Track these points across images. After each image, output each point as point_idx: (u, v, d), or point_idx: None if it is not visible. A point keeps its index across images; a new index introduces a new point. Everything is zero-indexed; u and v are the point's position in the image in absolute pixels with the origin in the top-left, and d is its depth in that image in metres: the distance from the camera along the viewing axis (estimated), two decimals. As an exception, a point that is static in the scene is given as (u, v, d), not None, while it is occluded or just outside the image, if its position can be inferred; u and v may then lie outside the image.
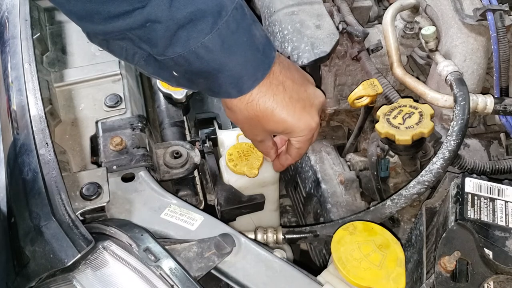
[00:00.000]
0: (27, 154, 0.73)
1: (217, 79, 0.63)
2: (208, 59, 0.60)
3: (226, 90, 0.65)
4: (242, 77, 0.64)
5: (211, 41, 0.59)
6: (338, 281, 0.66)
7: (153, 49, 0.62)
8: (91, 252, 0.65)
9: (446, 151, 0.79)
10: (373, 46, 1.08)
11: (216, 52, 0.60)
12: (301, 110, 0.71)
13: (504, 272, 0.62)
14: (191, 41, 0.59)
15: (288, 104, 0.69)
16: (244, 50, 0.63)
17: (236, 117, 0.70)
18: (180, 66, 0.62)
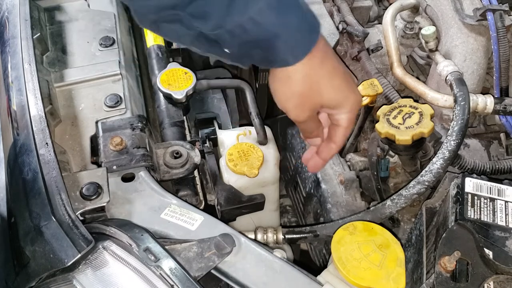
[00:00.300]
0: (27, 154, 0.73)
1: (274, 46, 0.61)
2: (266, 24, 0.58)
3: (283, 57, 0.62)
4: (298, 40, 0.62)
5: (267, 4, 0.57)
6: (338, 281, 0.66)
7: (207, 24, 0.59)
8: (91, 252, 0.65)
9: (446, 151, 0.79)
10: (373, 46, 1.08)
11: (273, 16, 0.58)
12: (351, 81, 0.69)
13: (504, 272, 0.62)
14: (249, 7, 0.57)
15: (340, 72, 0.67)
16: (298, 12, 0.61)
17: (290, 88, 0.66)
18: (236, 37, 0.59)
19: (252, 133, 0.98)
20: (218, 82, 1.07)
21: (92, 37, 1.02)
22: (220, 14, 0.58)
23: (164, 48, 1.10)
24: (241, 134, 0.98)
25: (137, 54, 1.14)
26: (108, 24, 1.05)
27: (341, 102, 0.69)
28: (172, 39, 0.67)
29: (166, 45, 1.12)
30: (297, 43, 0.62)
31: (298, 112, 0.68)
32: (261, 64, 0.68)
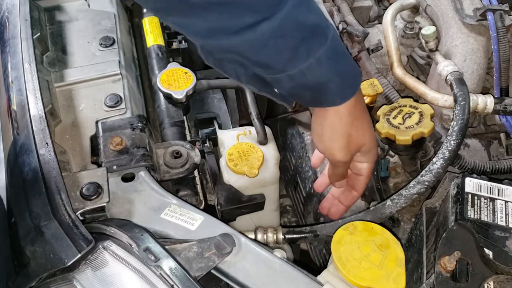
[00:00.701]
0: (27, 154, 0.73)
1: (326, 89, 0.67)
2: (322, 70, 0.64)
3: (332, 98, 0.68)
4: (347, 84, 0.68)
5: (325, 53, 0.63)
6: (338, 281, 0.66)
7: (267, 72, 0.66)
8: (91, 252, 0.65)
9: (446, 151, 0.79)
10: (373, 46, 1.08)
11: (329, 63, 0.64)
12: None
13: (504, 272, 0.62)
14: (310, 54, 0.62)
15: (369, 118, 0.76)
16: (347, 60, 0.68)
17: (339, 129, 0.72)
18: (294, 81, 0.65)
19: (252, 133, 0.98)
20: (218, 82, 1.07)
21: (92, 37, 1.02)
22: (283, 64, 0.63)
23: (164, 48, 1.10)
24: (241, 134, 0.98)
25: (137, 54, 1.14)
26: (108, 24, 1.05)
27: (372, 148, 0.77)
28: (229, 76, 0.72)
29: (166, 45, 1.12)
30: (346, 87, 0.68)
31: (344, 153, 0.74)
32: (308, 104, 0.76)
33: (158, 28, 1.13)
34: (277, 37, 0.60)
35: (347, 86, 0.69)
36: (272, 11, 0.58)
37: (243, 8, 0.57)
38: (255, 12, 0.58)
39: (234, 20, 0.58)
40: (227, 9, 0.57)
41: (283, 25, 0.59)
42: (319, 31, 0.63)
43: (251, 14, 0.58)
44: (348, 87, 0.69)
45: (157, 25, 1.13)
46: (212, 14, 0.58)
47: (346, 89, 0.69)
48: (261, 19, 0.58)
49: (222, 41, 0.61)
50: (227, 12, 0.57)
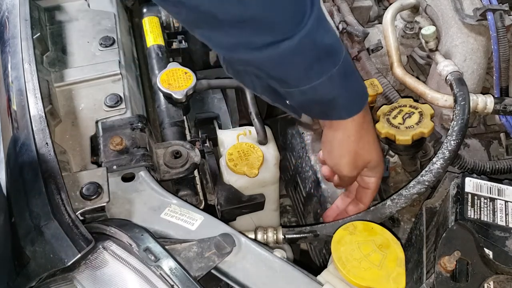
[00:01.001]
0: (27, 154, 0.73)
1: (335, 104, 0.72)
2: (333, 87, 0.69)
3: (339, 113, 0.74)
4: (354, 101, 0.74)
5: (337, 72, 0.68)
6: (338, 281, 0.66)
7: (282, 86, 0.70)
8: (91, 252, 0.65)
9: (446, 151, 0.79)
10: (373, 46, 1.08)
11: (339, 81, 0.69)
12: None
13: (504, 272, 0.62)
14: (323, 73, 0.67)
15: (375, 134, 0.81)
16: (356, 78, 0.74)
17: (346, 146, 0.77)
18: (305, 95, 0.69)
19: (252, 133, 0.98)
20: (218, 82, 1.07)
21: (92, 37, 1.02)
22: (297, 80, 0.68)
23: (164, 48, 1.10)
24: (241, 134, 0.98)
25: (137, 54, 1.14)
26: (108, 24, 1.05)
27: (379, 164, 0.81)
28: (246, 86, 0.79)
29: (166, 45, 1.12)
30: (353, 103, 0.74)
31: (351, 169, 0.79)
32: (316, 116, 0.81)
33: (158, 28, 1.13)
34: (295, 55, 0.64)
35: (354, 103, 0.74)
36: (293, 32, 0.62)
37: (266, 28, 0.61)
38: (277, 32, 0.62)
39: (257, 37, 0.62)
40: (251, 27, 0.61)
41: (302, 45, 0.63)
42: (333, 51, 0.67)
43: (273, 33, 0.62)
44: (355, 104, 0.74)
45: (157, 25, 1.13)
46: (237, 30, 0.62)
47: (353, 106, 0.74)
48: (282, 39, 0.62)
49: (244, 55, 0.65)
50: (251, 30, 0.61)
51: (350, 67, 0.72)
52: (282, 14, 0.61)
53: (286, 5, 0.61)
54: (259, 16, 0.60)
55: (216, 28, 0.63)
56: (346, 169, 0.79)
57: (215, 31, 0.63)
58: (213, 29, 0.63)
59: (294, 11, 0.62)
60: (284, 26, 0.62)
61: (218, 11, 0.59)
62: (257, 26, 0.61)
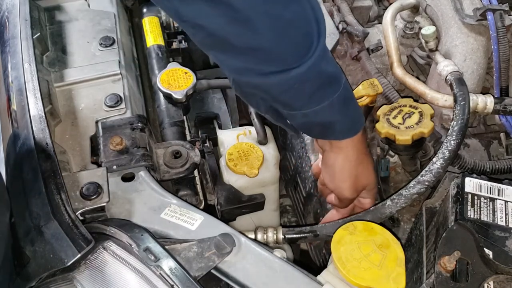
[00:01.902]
0: (27, 154, 0.73)
1: (333, 127, 0.77)
2: (333, 112, 0.74)
3: (337, 135, 0.78)
4: (351, 124, 0.78)
5: (337, 98, 0.72)
6: (338, 281, 0.66)
7: (285, 109, 0.74)
8: (91, 252, 0.65)
9: (446, 151, 0.79)
10: (373, 46, 1.08)
11: (339, 106, 0.74)
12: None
13: (504, 272, 0.62)
14: (325, 98, 0.72)
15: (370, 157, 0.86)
16: (354, 104, 0.79)
17: (348, 171, 0.81)
18: (306, 117, 0.74)
19: (252, 133, 0.98)
20: (218, 82, 1.07)
21: (92, 37, 1.02)
22: (301, 105, 0.72)
23: (164, 48, 1.10)
24: (241, 134, 0.98)
25: (137, 54, 1.14)
26: (108, 24, 1.05)
27: (374, 186, 0.86)
28: (251, 106, 0.85)
29: (166, 45, 1.12)
30: (350, 127, 0.78)
31: (351, 192, 0.83)
32: (315, 136, 0.85)
33: (158, 28, 1.13)
34: (301, 83, 0.68)
35: (351, 126, 0.79)
36: (300, 62, 0.66)
37: (275, 57, 0.66)
38: (286, 61, 0.66)
39: (266, 65, 0.67)
40: (262, 55, 0.65)
41: (307, 73, 0.67)
42: (335, 80, 0.72)
43: (282, 62, 0.66)
44: (352, 127, 0.79)
45: (157, 25, 1.13)
46: (248, 56, 0.66)
47: (350, 128, 0.79)
48: (288, 68, 0.66)
49: (253, 80, 0.69)
50: (262, 58, 0.66)
51: (349, 92, 0.77)
52: (292, 46, 0.65)
53: (296, 38, 0.65)
54: (270, 47, 0.64)
55: (229, 52, 0.67)
56: (348, 192, 0.83)
57: (228, 54, 0.67)
58: (226, 53, 0.67)
59: (303, 43, 0.66)
60: (292, 56, 0.66)
61: (233, 38, 0.63)
62: (268, 55, 0.65)
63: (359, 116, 0.80)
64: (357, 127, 0.79)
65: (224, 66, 0.72)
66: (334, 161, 0.82)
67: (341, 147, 0.80)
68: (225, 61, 0.70)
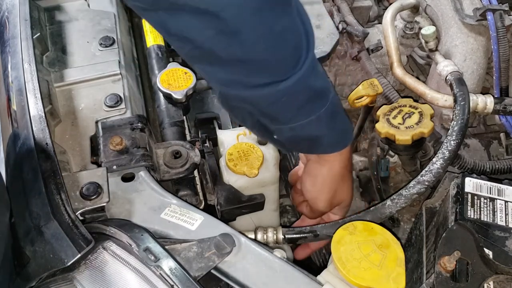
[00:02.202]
0: (27, 154, 0.73)
1: (320, 141, 0.76)
2: (320, 126, 0.73)
3: (324, 149, 0.78)
4: (339, 139, 0.78)
5: (325, 113, 0.72)
6: (338, 281, 0.66)
7: (272, 123, 0.74)
8: (91, 252, 0.65)
9: (446, 151, 0.79)
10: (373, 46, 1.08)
11: (327, 121, 0.73)
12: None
13: (504, 272, 0.62)
14: (313, 112, 0.71)
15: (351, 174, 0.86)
16: (343, 119, 0.77)
17: (329, 184, 0.81)
18: (293, 131, 0.73)
19: (252, 133, 0.98)
20: (218, 82, 1.07)
21: (92, 37, 1.02)
22: (288, 118, 0.71)
23: (164, 48, 1.10)
24: (241, 134, 0.98)
25: (137, 54, 1.14)
26: (108, 24, 1.05)
27: (348, 203, 0.86)
28: (237, 120, 0.83)
29: (166, 45, 1.12)
30: (338, 141, 0.78)
31: (326, 205, 0.83)
32: (302, 151, 0.85)
33: (158, 28, 1.13)
34: (289, 96, 0.68)
35: (339, 140, 0.78)
36: (287, 75, 0.66)
37: (264, 70, 0.65)
38: (274, 74, 0.66)
39: (254, 77, 0.66)
40: (250, 67, 0.65)
41: (296, 87, 0.67)
42: (323, 93, 0.71)
43: (270, 75, 0.66)
44: (340, 141, 0.78)
45: (157, 25, 1.13)
46: (236, 68, 0.65)
47: (338, 143, 0.78)
48: (277, 81, 0.66)
49: (240, 92, 0.68)
50: (250, 70, 0.65)
51: (338, 107, 0.76)
52: (281, 58, 0.65)
53: (285, 50, 0.65)
54: (259, 59, 0.64)
55: (217, 65, 0.66)
56: (323, 204, 0.83)
57: (215, 67, 0.67)
58: (213, 65, 0.67)
59: (291, 56, 0.66)
60: (281, 69, 0.65)
61: (221, 50, 0.63)
62: (256, 67, 0.65)
63: (347, 130, 0.80)
64: (345, 142, 0.79)
65: (211, 79, 0.72)
66: (318, 172, 0.81)
67: (327, 159, 0.79)
68: (213, 74, 0.70)
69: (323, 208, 0.84)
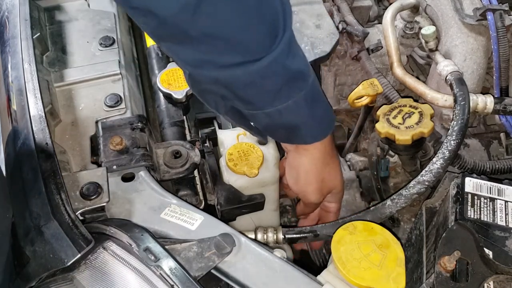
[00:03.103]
0: (27, 154, 0.73)
1: (299, 129, 0.72)
2: (299, 113, 0.69)
3: (303, 138, 0.74)
4: (319, 128, 0.73)
5: (303, 98, 0.68)
6: (338, 281, 0.66)
7: (248, 107, 0.69)
8: (91, 252, 0.65)
9: (446, 151, 0.79)
10: (373, 46, 1.08)
11: (305, 107, 0.69)
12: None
13: (504, 272, 0.62)
14: (290, 97, 0.67)
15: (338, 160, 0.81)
16: (323, 106, 0.73)
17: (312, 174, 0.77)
18: (269, 118, 0.69)
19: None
20: (218, 82, 1.07)
21: (92, 37, 1.02)
22: (264, 102, 0.67)
23: (164, 48, 1.10)
24: (241, 134, 0.98)
25: (137, 54, 1.14)
26: (108, 24, 1.05)
27: (341, 189, 0.82)
28: (209, 106, 0.77)
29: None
30: (319, 129, 0.73)
31: (317, 196, 0.79)
32: (280, 140, 0.80)
33: (158, 28, 1.13)
34: (263, 77, 0.63)
35: (320, 129, 0.73)
36: (263, 54, 0.61)
37: (236, 47, 0.60)
38: (247, 52, 0.61)
39: (226, 56, 0.61)
40: (221, 45, 0.60)
41: (271, 67, 0.62)
42: (301, 76, 0.67)
43: (243, 53, 0.61)
44: (321, 130, 0.74)
45: (157, 25, 1.13)
46: (206, 47, 0.60)
47: (318, 132, 0.74)
48: (251, 60, 0.61)
49: (212, 73, 0.64)
50: (221, 48, 0.60)
51: (318, 92, 0.71)
52: (255, 36, 0.60)
53: (260, 27, 0.60)
54: (231, 35, 0.59)
55: (185, 43, 0.61)
56: (313, 196, 0.80)
57: (184, 45, 0.62)
58: (182, 44, 0.62)
59: (267, 34, 0.61)
60: (255, 47, 0.61)
61: (189, 26, 0.57)
62: (228, 45, 0.60)
63: (328, 119, 0.75)
64: (325, 132, 0.74)
65: (179, 59, 0.66)
66: (299, 163, 0.77)
67: (306, 148, 0.75)
68: (181, 53, 0.64)
69: (315, 199, 0.80)
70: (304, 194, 0.80)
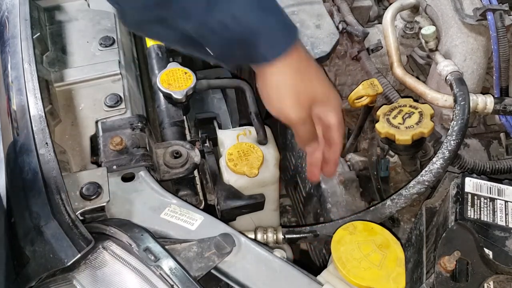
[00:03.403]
0: (27, 154, 0.73)
1: (254, 43, 0.64)
2: (246, 22, 0.62)
3: (263, 53, 0.65)
4: (277, 39, 0.65)
5: (249, 4, 0.61)
6: (338, 281, 0.66)
7: (189, 23, 0.62)
8: (91, 252, 0.65)
9: (446, 151, 0.79)
10: (373, 46, 1.08)
11: (253, 14, 0.62)
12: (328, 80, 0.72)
13: (504, 272, 0.62)
14: (230, 4, 0.60)
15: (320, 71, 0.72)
16: (277, 14, 0.65)
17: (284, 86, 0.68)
18: (218, 35, 0.62)
19: (252, 133, 0.98)
20: (218, 82, 1.07)
21: (92, 37, 1.02)
22: (201, 11, 0.60)
23: (164, 48, 1.10)
24: (241, 134, 0.98)
25: (137, 54, 1.14)
26: (108, 24, 1.05)
27: (329, 96, 0.72)
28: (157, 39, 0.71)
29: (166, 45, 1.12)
30: (276, 41, 0.65)
31: (296, 110, 0.69)
32: (241, 62, 0.72)
33: (158, 28, 1.13)
34: None
35: (278, 40, 0.65)
36: None
37: None
38: None
39: None
40: None
41: None
42: None
43: None
44: (279, 41, 0.66)
45: (157, 25, 1.13)
46: None
47: (277, 44, 0.65)
48: None
49: None
50: None
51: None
52: None
53: None
54: None
55: None
56: (292, 111, 0.69)
57: None
58: None
59: None
60: None
61: None
62: None
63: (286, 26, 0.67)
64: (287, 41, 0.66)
65: None
66: (266, 81, 0.69)
67: (272, 65, 0.67)
68: None
69: (295, 115, 0.70)
70: (282, 112, 0.70)
